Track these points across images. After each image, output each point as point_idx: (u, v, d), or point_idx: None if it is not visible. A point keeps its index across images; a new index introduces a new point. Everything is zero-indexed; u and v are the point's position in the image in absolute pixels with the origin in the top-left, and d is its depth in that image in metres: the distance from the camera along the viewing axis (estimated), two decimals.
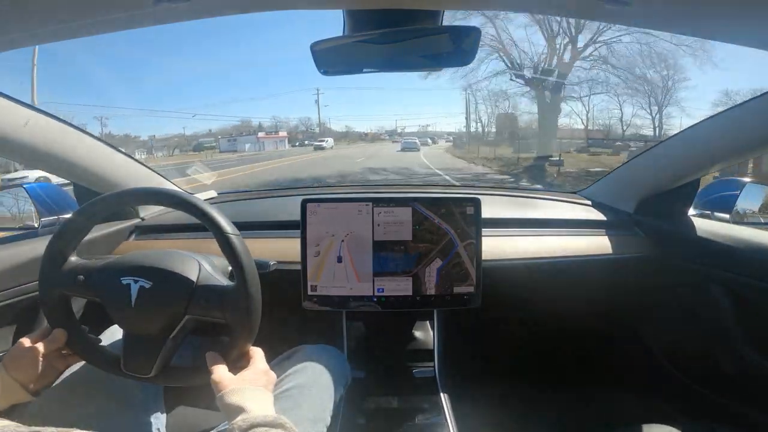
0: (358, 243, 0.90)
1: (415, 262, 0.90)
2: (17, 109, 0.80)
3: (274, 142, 35.53)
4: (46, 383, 0.58)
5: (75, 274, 0.59)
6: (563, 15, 0.68)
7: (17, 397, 0.53)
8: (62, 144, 0.92)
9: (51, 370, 0.58)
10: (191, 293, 0.56)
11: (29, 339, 0.57)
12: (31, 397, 0.54)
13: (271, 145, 34.84)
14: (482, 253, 0.90)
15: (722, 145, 0.88)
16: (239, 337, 0.56)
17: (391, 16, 0.64)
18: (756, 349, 0.87)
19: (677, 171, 1.01)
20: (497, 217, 1.11)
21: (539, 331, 1.32)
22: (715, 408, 0.99)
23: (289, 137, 38.49)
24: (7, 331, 0.85)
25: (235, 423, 0.46)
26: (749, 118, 0.80)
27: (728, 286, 0.90)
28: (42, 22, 0.54)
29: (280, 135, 38.01)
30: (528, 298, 1.13)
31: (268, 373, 0.57)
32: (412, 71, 0.82)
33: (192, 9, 0.55)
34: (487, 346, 1.32)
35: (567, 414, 1.12)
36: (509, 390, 1.21)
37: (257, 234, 1.08)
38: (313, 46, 0.69)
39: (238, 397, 0.50)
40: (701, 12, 0.55)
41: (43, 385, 0.57)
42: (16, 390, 0.53)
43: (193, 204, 0.58)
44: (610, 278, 1.11)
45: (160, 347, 0.57)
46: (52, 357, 0.58)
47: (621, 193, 1.19)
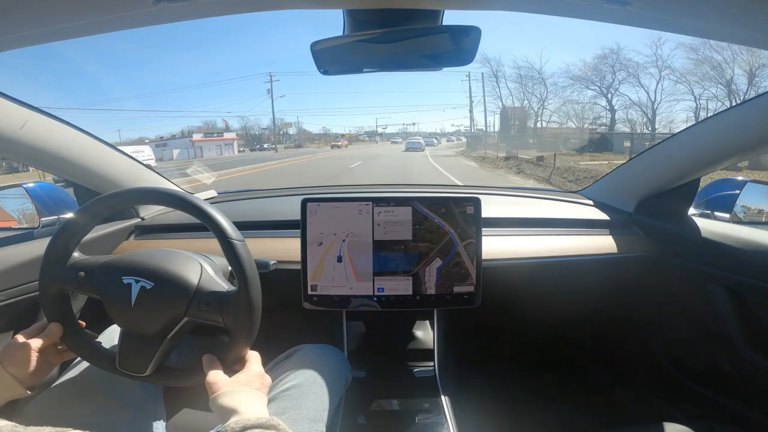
0: (358, 242, 0.90)
1: (415, 261, 0.90)
2: (17, 109, 0.80)
3: (217, 147, 29.59)
4: (41, 378, 0.58)
5: (76, 270, 0.59)
6: (563, 15, 0.68)
7: (13, 392, 0.53)
8: (62, 144, 0.92)
9: (46, 365, 0.58)
10: (191, 296, 0.57)
11: (25, 333, 0.57)
12: (26, 392, 0.54)
13: (214, 150, 29.00)
14: (482, 253, 0.90)
15: (722, 144, 0.88)
16: (237, 341, 0.56)
17: (391, 16, 0.64)
18: (756, 349, 0.87)
19: (677, 171, 1.01)
20: (497, 216, 1.11)
21: (539, 331, 1.32)
22: (715, 408, 0.99)
23: (241, 139, 31.12)
24: (8, 331, 0.85)
25: (228, 425, 0.46)
26: (749, 117, 0.80)
27: (728, 286, 0.90)
28: (41, 22, 0.54)
29: (225, 138, 31.58)
30: (528, 298, 1.13)
31: (263, 376, 0.57)
32: (412, 71, 0.82)
33: (192, 9, 0.55)
34: (487, 345, 1.33)
35: (567, 414, 1.13)
36: (509, 389, 1.21)
37: (257, 234, 1.08)
38: (313, 45, 0.69)
39: (232, 399, 0.50)
40: (701, 12, 0.55)
41: (39, 379, 0.57)
42: (11, 384, 0.53)
43: (195, 205, 0.58)
44: (610, 278, 1.11)
45: (156, 347, 0.57)
46: (47, 352, 0.58)
47: (621, 193, 1.19)
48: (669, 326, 1.14)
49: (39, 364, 0.56)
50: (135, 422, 0.66)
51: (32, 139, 0.85)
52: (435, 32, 0.68)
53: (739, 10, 0.53)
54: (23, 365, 0.54)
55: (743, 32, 0.59)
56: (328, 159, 19.63)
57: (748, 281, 0.86)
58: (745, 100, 0.81)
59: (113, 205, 0.63)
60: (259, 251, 0.95)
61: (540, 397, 1.20)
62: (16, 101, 0.79)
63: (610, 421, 0.65)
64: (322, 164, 16.13)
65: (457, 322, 1.13)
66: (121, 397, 0.65)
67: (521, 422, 1.10)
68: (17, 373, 0.53)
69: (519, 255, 1.03)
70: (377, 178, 10.29)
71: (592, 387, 1.22)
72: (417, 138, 31.33)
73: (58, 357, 0.60)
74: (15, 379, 0.53)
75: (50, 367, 0.59)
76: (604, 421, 1.06)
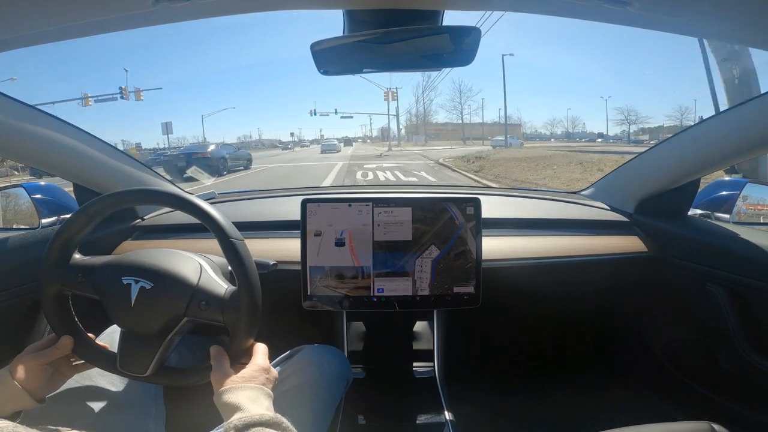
0: (357, 243, 0.90)
1: (415, 262, 0.90)
2: (17, 109, 0.80)
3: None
4: (52, 390, 0.57)
5: (76, 270, 0.59)
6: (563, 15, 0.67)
7: (22, 404, 0.53)
8: (62, 144, 0.92)
9: (58, 378, 0.58)
10: (191, 295, 0.56)
11: (36, 346, 0.57)
12: (36, 403, 0.54)
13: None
14: (482, 253, 0.90)
15: (723, 145, 0.88)
16: (238, 337, 0.56)
17: (391, 16, 0.64)
18: (756, 349, 0.87)
19: (677, 171, 1.01)
20: (497, 217, 1.11)
21: (539, 331, 1.32)
22: (714, 408, 0.99)
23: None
24: (8, 331, 0.85)
25: (231, 422, 0.45)
26: (750, 118, 0.80)
27: (728, 286, 0.90)
28: (41, 22, 0.54)
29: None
30: (528, 299, 1.13)
31: (269, 370, 0.55)
32: (412, 71, 0.82)
33: (192, 9, 0.55)
34: (488, 346, 1.33)
35: (567, 414, 1.12)
36: (509, 390, 1.21)
37: (257, 234, 1.08)
38: (313, 46, 0.69)
39: (235, 396, 0.49)
40: (701, 12, 0.55)
41: (50, 391, 0.57)
42: (21, 396, 0.52)
43: (196, 205, 0.58)
44: (610, 278, 1.11)
45: (156, 347, 0.57)
46: (59, 364, 0.58)
47: (621, 193, 1.19)
48: (669, 326, 1.15)
49: (50, 376, 0.56)
50: (135, 422, 0.66)
51: (32, 139, 0.85)
52: (435, 33, 0.68)
53: (739, 10, 0.53)
54: (34, 377, 0.54)
55: (743, 32, 0.59)
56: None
57: (748, 281, 0.86)
58: (745, 100, 0.81)
59: (113, 205, 0.63)
60: (259, 252, 0.95)
61: (540, 396, 1.20)
62: (16, 101, 0.79)
63: (609, 420, 0.65)
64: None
65: (457, 323, 1.13)
66: (121, 398, 0.65)
67: (521, 422, 1.10)
68: (27, 385, 0.53)
69: (519, 255, 1.03)
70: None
71: (592, 387, 1.22)
72: (332, 140, 33.38)
73: (71, 369, 0.60)
74: (25, 391, 0.52)
75: (63, 379, 0.59)
76: (604, 420, 1.06)
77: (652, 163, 1.10)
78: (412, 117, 56.97)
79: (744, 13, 0.53)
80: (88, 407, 0.62)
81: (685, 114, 35.11)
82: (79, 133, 0.95)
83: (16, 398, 0.52)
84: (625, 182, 1.21)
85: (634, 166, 1.17)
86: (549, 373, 1.31)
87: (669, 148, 1.04)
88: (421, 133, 43.87)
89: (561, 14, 0.61)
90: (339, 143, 33.46)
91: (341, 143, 37.89)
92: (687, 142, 0.98)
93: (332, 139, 34.93)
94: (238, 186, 8.50)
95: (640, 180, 1.13)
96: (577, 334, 1.32)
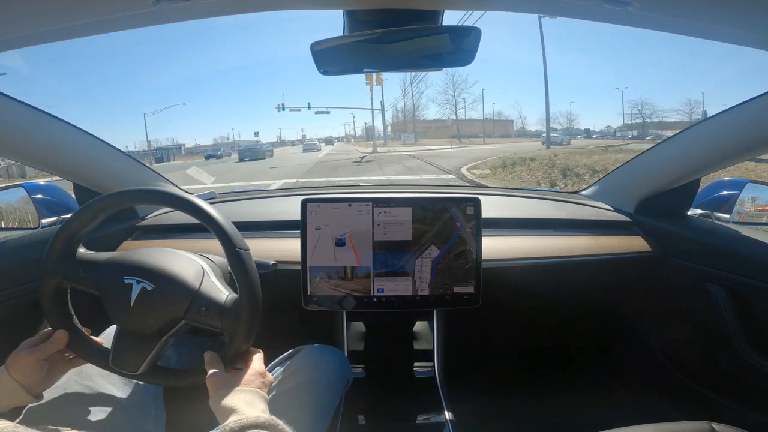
0: (357, 243, 0.90)
1: (415, 262, 0.90)
2: (18, 110, 0.80)
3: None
4: (48, 385, 0.58)
5: (79, 264, 0.60)
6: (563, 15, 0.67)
7: (19, 399, 0.53)
8: (63, 144, 0.92)
9: (53, 372, 0.58)
10: (191, 300, 0.57)
11: (31, 341, 0.57)
12: (33, 399, 0.54)
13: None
14: (482, 253, 0.90)
15: (723, 145, 0.88)
16: (235, 343, 0.56)
17: (391, 16, 0.64)
18: (755, 349, 0.87)
19: (677, 171, 1.01)
20: (497, 217, 1.11)
21: (539, 331, 1.32)
22: (714, 408, 0.99)
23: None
24: (8, 331, 0.85)
25: (227, 425, 0.45)
26: (749, 118, 0.80)
27: (728, 286, 0.90)
28: (41, 22, 0.54)
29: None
30: (528, 298, 1.13)
31: (264, 374, 0.56)
32: (412, 71, 0.82)
33: (192, 9, 0.55)
34: (488, 346, 1.33)
35: (567, 413, 1.12)
36: (509, 390, 1.21)
37: (257, 234, 1.08)
38: (313, 46, 0.69)
39: (231, 399, 0.49)
40: (701, 12, 0.55)
41: (46, 387, 0.57)
42: (17, 392, 0.52)
43: (200, 208, 0.58)
44: (610, 278, 1.11)
45: (151, 347, 0.57)
46: (54, 359, 0.58)
47: (621, 193, 1.19)
48: (669, 326, 1.15)
49: (46, 371, 0.56)
50: (135, 422, 0.66)
51: (33, 140, 0.85)
52: (435, 33, 0.68)
53: (739, 10, 0.53)
54: (29, 373, 0.54)
55: (743, 32, 0.59)
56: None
57: (748, 281, 0.86)
58: (745, 100, 0.81)
59: (114, 204, 0.63)
60: (259, 252, 0.95)
61: (540, 396, 1.20)
62: (16, 101, 0.79)
63: (609, 420, 0.65)
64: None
65: (457, 323, 1.13)
66: (121, 398, 0.65)
67: (521, 422, 1.10)
68: (23, 380, 0.53)
69: (519, 255, 1.03)
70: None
71: (592, 387, 1.22)
72: (313, 140, 37.63)
73: (66, 364, 0.60)
74: (21, 386, 0.52)
75: (58, 374, 0.59)
76: (604, 420, 1.06)
77: (652, 163, 1.10)
78: (398, 113, 52.32)
79: (744, 13, 0.53)
80: (88, 407, 0.62)
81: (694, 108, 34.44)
82: (80, 133, 0.95)
83: (13, 394, 0.52)
84: (625, 182, 1.21)
85: (634, 166, 1.17)
86: (549, 373, 1.31)
87: (669, 148, 1.04)
88: (410, 131, 41.81)
89: (561, 14, 0.61)
90: (320, 143, 38.35)
91: (322, 143, 43.40)
92: (687, 141, 0.98)
93: (313, 139, 39.39)
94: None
95: (640, 180, 1.13)
96: (577, 334, 1.32)
